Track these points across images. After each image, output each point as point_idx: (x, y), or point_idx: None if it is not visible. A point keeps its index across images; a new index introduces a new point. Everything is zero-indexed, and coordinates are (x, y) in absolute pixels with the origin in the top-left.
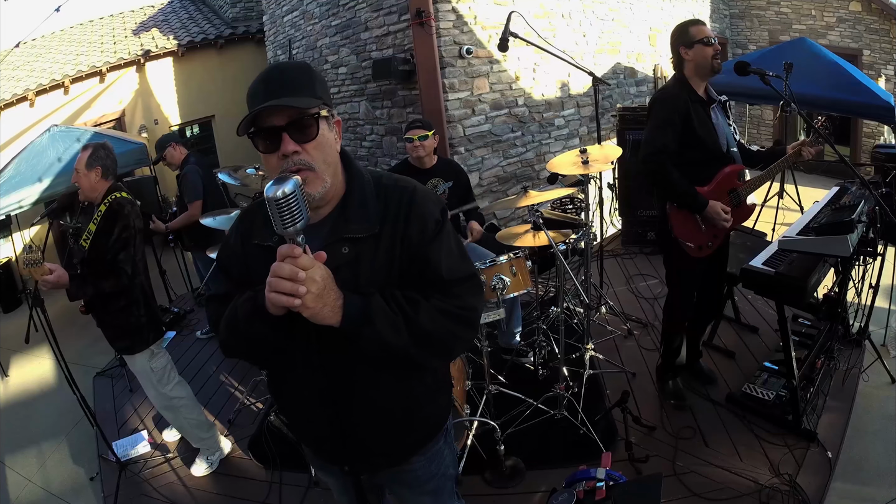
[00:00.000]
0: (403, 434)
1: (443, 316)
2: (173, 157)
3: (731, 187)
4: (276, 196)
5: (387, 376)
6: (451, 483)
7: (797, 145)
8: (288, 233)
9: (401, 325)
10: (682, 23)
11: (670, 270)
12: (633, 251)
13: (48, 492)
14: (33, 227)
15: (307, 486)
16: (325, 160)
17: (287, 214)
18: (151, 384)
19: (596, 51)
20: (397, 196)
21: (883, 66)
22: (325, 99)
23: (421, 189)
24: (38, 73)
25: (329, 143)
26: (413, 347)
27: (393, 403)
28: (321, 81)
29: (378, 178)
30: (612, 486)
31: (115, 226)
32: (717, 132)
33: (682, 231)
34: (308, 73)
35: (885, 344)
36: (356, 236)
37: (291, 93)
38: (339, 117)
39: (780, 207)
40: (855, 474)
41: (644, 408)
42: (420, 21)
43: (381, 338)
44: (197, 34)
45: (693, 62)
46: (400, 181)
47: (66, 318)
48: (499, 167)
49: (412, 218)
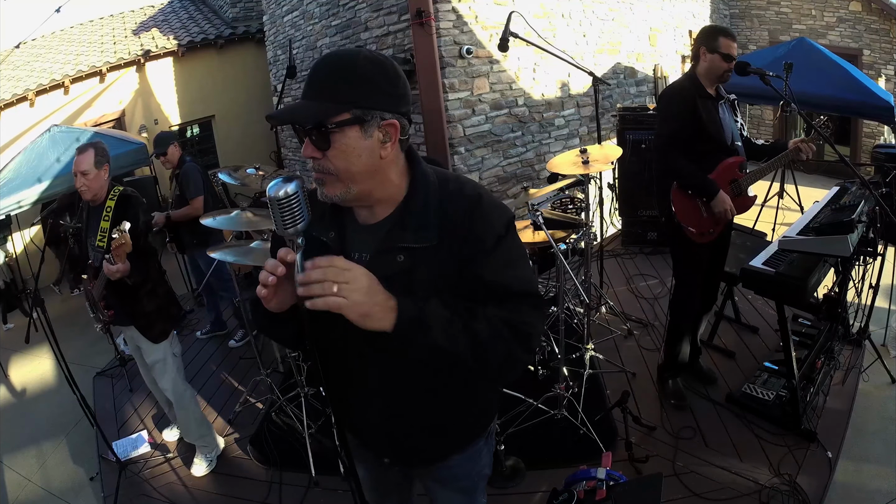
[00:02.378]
0: (449, 433)
1: (501, 324)
2: (173, 156)
3: (733, 178)
4: (278, 196)
5: (442, 376)
6: (483, 482)
7: (798, 141)
8: (288, 234)
9: (458, 331)
10: (717, 27)
11: (677, 260)
12: (633, 251)
13: (48, 492)
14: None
15: (307, 486)
16: (349, 168)
17: (287, 215)
18: (172, 372)
19: (596, 51)
20: (460, 206)
21: (883, 66)
22: (361, 99)
23: (486, 200)
24: (38, 73)
25: (357, 152)
26: (467, 353)
27: (443, 403)
28: (367, 78)
29: (444, 182)
30: (612, 486)
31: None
32: (724, 126)
33: (684, 216)
34: (350, 71)
35: (885, 344)
36: (413, 246)
37: (320, 95)
38: (398, 120)
39: (780, 207)
40: (855, 474)
41: (644, 408)
42: (420, 21)
43: (437, 344)
44: (197, 34)
45: (707, 65)
46: (465, 188)
47: (66, 318)
48: (499, 167)
49: (472, 232)
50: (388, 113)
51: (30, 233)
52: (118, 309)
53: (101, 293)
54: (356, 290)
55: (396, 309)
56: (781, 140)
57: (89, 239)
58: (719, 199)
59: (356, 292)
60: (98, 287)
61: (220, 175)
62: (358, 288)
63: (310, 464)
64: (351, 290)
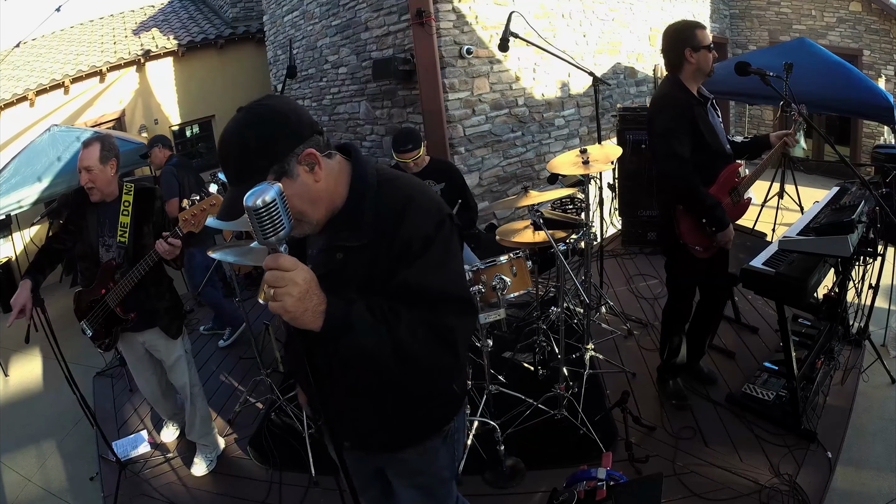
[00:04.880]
0: (396, 425)
1: (423, 329)
2: (157, 158)
3: (732, 186)
4: (256, 205)
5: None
6: (444, 488)
7: (781, 134)
8: (269, 243)
9: (382, 334)
10: (684, 24)
11: (672, 273)
12: (633, 251)
13: (48, 492)
14: (33, 226)
15: (307, 485)
16: (300, 209)
17: (268, 224)
18: (187, 367)
19: (596, 51)
20: (392, 208)
21: (883, 66)
22: (272, 159)
23: (417, 202)
24: (38, 73)
25: (298, 195)
26: (391, 358)
27: (385, 397)
28: (262, 141)
29: (383, 181)
30: (612, 486)
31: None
32: (718, 132)
33: (689, 236)
34: (241, 148)
35: (885, 344)
36: (347, 245)
37: (241, 179)
38: (310, 147)
39: (780, 207)
40: (855, 474)
41: (644, 408)
42: (420, 21)
43: (360, 345)
44: (197, 34)
45: (696, 66)
46: (401, 186)
47: (66, 318)
48: (499, 167)
49: (400, 234)
50: (298, 147)
51: (30, 233)
52: (140, 310)
53: (122, 297)
54: (289, 294)
55: (325, 313)
56: (762, 135)
57: (102, 239)
58: (728, 233)
59: (288, 297)
60: (120, 289)
61: (221, 175)
62: (290, 292)
63: (310, 464)
64: (284, 294)
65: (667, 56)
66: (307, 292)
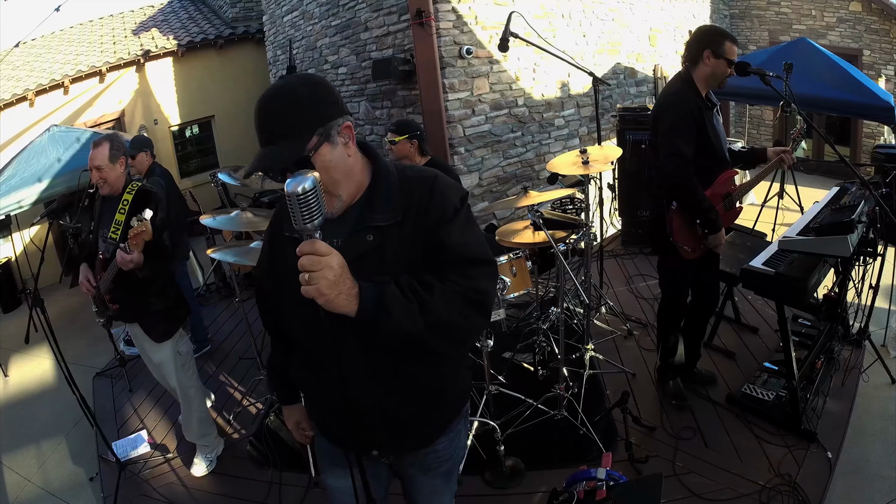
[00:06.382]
0: (436, 414)
1: (457, 298)
2: (141, 164)
3: (726, 192)
4: (297, 192)
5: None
6: (458, 466)
7: (778, 151)
8: (306, 228)
9: (416, 312)
10: (719, 29)
11: (664, 272)
12: (633, 251)
13: (48, 492)
14: (33, 226)
15: (307, 485)
16: (333, 179)
17: (306, 210)
18: (176, 370)
19: (596, 51)
20: (421, 185)
21: (883, 66)
22: (321, 119)
23: (441, 178)
24: (38, 73)
25: (335, 163)
26: (428, 333)
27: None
28: (314, 99)
29: (402, 170)
30: (612, 487)
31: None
32: (721, 137)
33: (680, 235)
34: (293, 101)
35: (885, 344)
36: (380, 224)
37: (279, 137)
38: (348, 121)
39: (780, 207)
40: (855, 475)
41: (644, 408)
42: (420, 21)
43: (398, 326)
44: (197, 34)
45: (710, 70)
46: (423, 172)
47: (66, 319)
48: (499, 167)
49: (432, 205)
50: (339, 118)
51: (30, 233)
52: (124, 304)
53: (109, 286)
54: (324, 277)
55: (358, 296)
56: (759, 146)
57: (101, 231)
58: (720, 236)
59: (324, 279)
60: (106, 279)
61: (220, 175)
62: (326, 276)
63: (310, 464)
64: (319, 277)
65: (688, 48)
66: (341, 276)
